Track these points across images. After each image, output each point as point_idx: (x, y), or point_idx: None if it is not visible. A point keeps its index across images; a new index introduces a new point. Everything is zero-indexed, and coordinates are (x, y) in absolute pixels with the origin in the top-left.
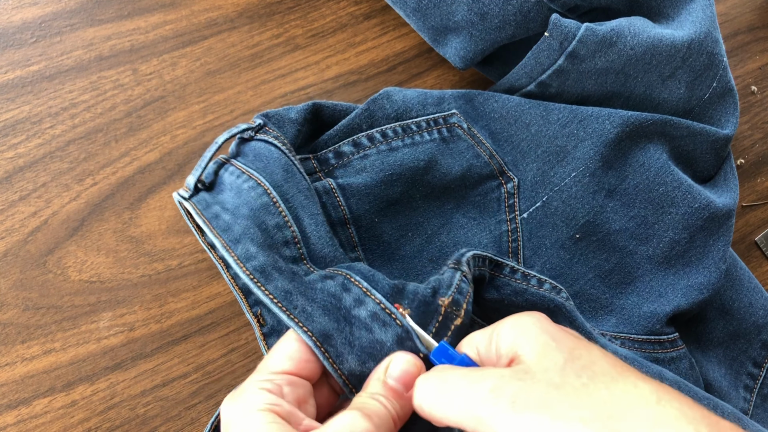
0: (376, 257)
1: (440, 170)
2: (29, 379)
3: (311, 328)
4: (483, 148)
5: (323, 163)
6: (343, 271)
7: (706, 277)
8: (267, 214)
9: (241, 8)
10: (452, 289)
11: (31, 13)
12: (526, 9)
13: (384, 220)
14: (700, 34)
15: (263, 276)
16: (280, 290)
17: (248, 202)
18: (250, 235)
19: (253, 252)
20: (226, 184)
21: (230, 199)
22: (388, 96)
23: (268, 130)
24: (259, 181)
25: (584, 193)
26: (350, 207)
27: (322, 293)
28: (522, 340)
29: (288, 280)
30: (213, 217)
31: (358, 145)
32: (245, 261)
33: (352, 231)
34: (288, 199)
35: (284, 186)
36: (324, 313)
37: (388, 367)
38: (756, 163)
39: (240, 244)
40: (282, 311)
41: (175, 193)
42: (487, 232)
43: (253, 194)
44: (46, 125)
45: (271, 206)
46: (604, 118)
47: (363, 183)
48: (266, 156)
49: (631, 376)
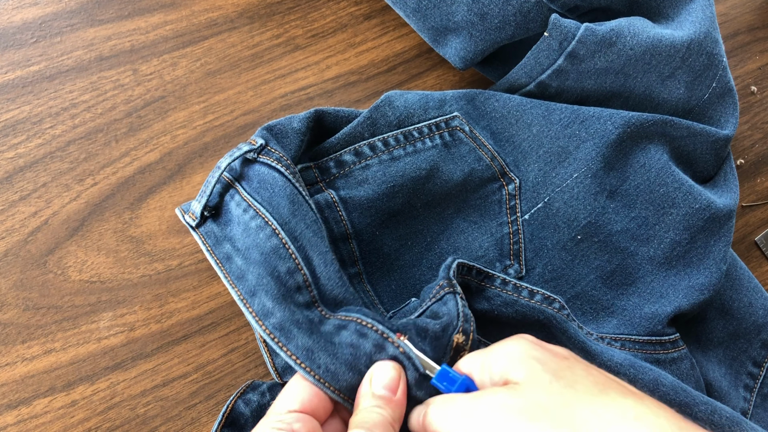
0: (376, 269)
1: (442, 177)
2: (29, 379)
3: (338, 387)
4: (485, 150)
5: (324, 172)
6: (353, 316)
7: (707, 278)
8: (278, 259)
9: (241, 8)
10: (461, 320)
11: (32, 14)
12: (525, 9)
13: (385, 232)
14: (699, 35)
15: (283, 334)
16: (301, 349)
17: (258, 245)
18: (264, 286)
19: (269, 307)
20: (233, 215)
21: (239, 236)
22: (389, 102)
23: (270, 150)
24: (266, 219)
25: (586, 194)
26: (352, 221)
27: (341, 347)
28: (512, 366)
29: (307, 335)
30: (225, 259)
31: (359, 154)
32: (263, 318)
33: (353, 246)
34: (296, 238)
35: (291, 222)
36: (348, 369)
37: (372, 380)
38: (756, 164)
39: (256, 298)
40: (307, 372)
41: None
42: (488, 235)
43: (262, 235)
44: (47, 125)
45: (281, 249)
46: (605, 118)
47: (365, 196)
48: (271, 184)
49: (612, 392)
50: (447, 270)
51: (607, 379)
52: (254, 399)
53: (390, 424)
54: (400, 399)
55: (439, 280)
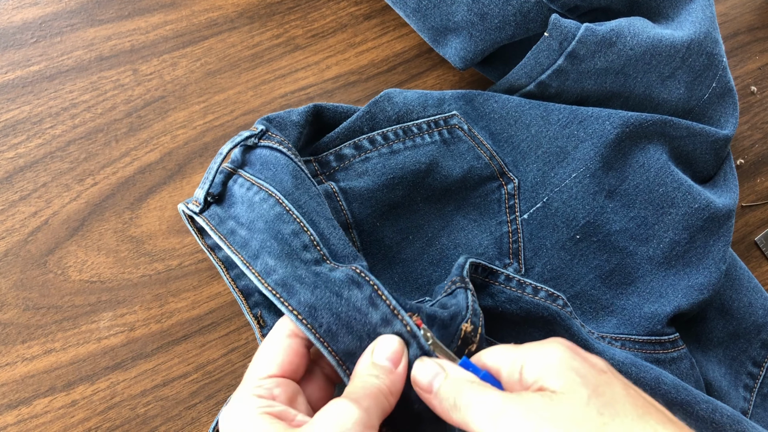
0: (377, 261)
1: (441, 172)
2: (29, 378)
3: (335, 348)
4: (483, 149)
5: (324, 165)
6: (372, 281)
7: (707, 278)
8: (282, 223)
9: (241, 8)
10: (470, 312)
11: (32, 14)
12: (525, 9)
13: (385, 224)
14: (699, 35)
15: (285, 290)
16: (303, 305)
17: (262, 215)
18: (268, 248)
19: (272, 265)
20: (237, 196)
21: (244, 212)
22: (389, 98)
23: (271, 135)
24: (269, 191)
25: (584, 193)
26: (352, 211)
27: (347, 306)
28: (548, 374)
29: (310, 291)
30: (229, 233)
31: (359, 147)
32: (265, 276)
33: (354, 235)
34: (301, 206)
35: (295, 193)
36: (348, 332)
37: (374, 350)
38: (756, 164)
39: (259, 259)
40: (308, 329)
41: (182, 205)
42: (487, 233)
43: (266, 206)
44: (47, 125)
45: (284, 215)
46: (604, 118)
47: (365, 187)
48: (273, 163)
49: (652, 420)
50: (460, 269)
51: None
52: None
53: (386, 395)
54: (400, 372)
55: (452, 276)
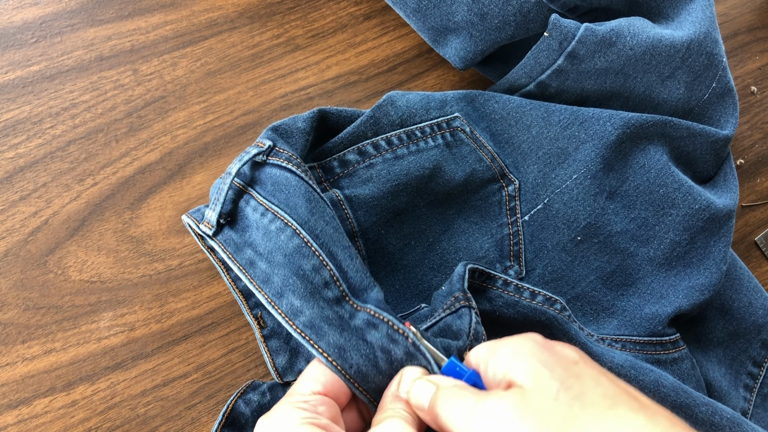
0: (380, 269)
1: (444, 177)
2: (30, 378)
3: (367, 388)
4: (485, 151)
5: (328, 172)
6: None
7: (707, 278)
8: (302, 258)
9: (241, 8)
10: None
11: (32, 14)
12: (525, 9)
13: (389, 231)
14: (699, 35)
15: (314, 332)
16: (333, 347)
17: (281, 247)
18: (291, 286)
19: (298, 306)
20: (251, 221)
21: (260, 241)
22: (392, 102)
23: (279, 151)
24: (286, 221)
25: (585, 195)
26: (358, 219)
27: (372, 348)
28: (516, 368)
29: (338, 332)
30: (248, 265)
31: (363, 153)
32: (293, 317)
33: (360, 244)
34: (318, 236)
35: (311, 221)
36: (377, 372)
37: (400, 382)
38: (756, 164)
39: (284, 299)
40: (339, 371)
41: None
42: (488, 236)
43: (283, 237)
44: (47, 125)
45: (304, 248)
46: (605, 119)
47: (370, 194)
48: (285, 185)
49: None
50: (461, 281)
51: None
52: (255, 399)
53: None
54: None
55: (455, 291)
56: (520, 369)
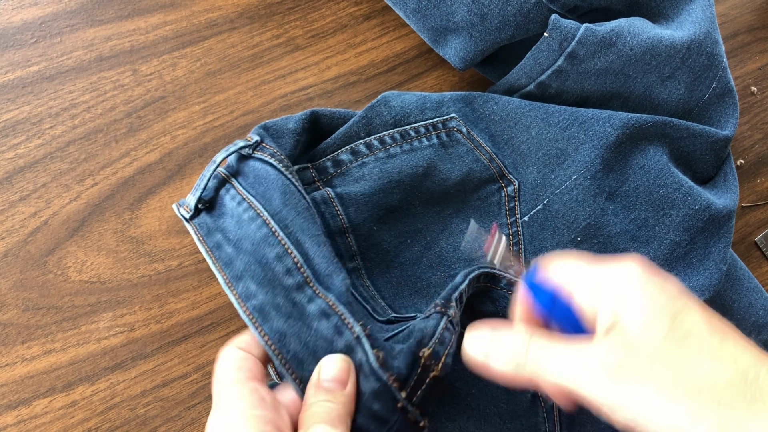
0: (375, 265)
1: (439, 176)
2: (29, 379)
3: (300, 375)
4: (482, 151)
5: (322, 172)
6: (341, 311)
7: (707, 279)
8: (267, 246)
9: (241, 9)
10: (434, 340)
11: (32, 14)
12: (525, 10)
13: (383, 228)
14: (699, 35)
15: (261, 315)
16: (275, 332)
17: (249, 236)
18: (251, 272)
19: (253, 290)
20: (227, 208)
21: (232, 228)
22: (386, 102)
23: (265, 146)
24: (258, 211)
25: (585, 195)
26: (348, 216)
27: (315, 336)
28: (625, 307)
29: (284, 319)
30: (215, 247)
31: (356, 153)
32: (245, 300)
33: (351, 240)
34: (287, 225)
35: (283, 211)
36: (314, 360)
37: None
38: (756, 164)
39: (241, 282)
40: (275, 355)
41: (176, 206)
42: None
43: (253, 226)
44: (47, 126)
45: (270, 237)
46: (604, 120)
47: (361, 191)
48: (264, 178)
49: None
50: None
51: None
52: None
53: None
54: (350, 391)
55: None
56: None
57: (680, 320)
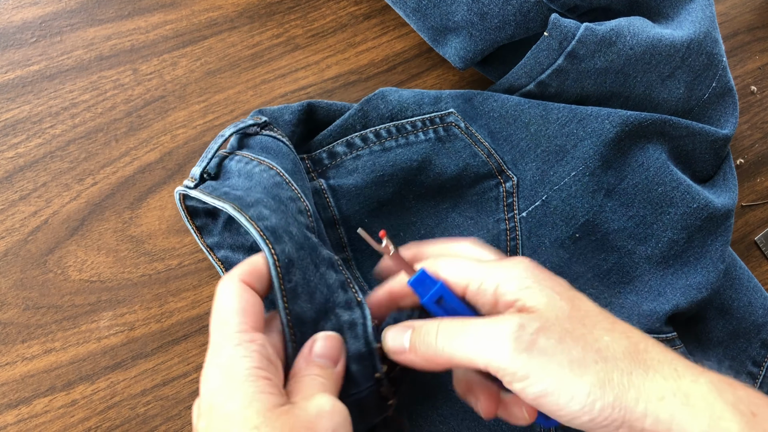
0: (366, 257)
1: (434, 170)
2: (29, 378)
3: (291, 309)
4: (481, 147)
5: (317, 163)
6: (347, 274)
7: (705, 277)
8: (280, 189)
9: (241, 8)
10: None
11: (32, 13)
12: (525, 9)
13: (375, 221)
14: (699, 34)
15: (273, 236)
16: (285, 255)
17: (261, 182)
18: (264, 202)
19: (266, 214)
20: (233, 171)
21: (240, 183)
22: (383, 96)
23: (272, 128)
24: (270, 165)
25: (583, 192)
26: (340, 207)
27: (319, 278)
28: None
29: (296, 248)
30: (223, 195)
31: (351, 145)
32: (258, 220)
33: (341, 231)
34: (299, 187)
35: (295, 175)
36: (309, 300)
37: (312, 346)
38: (755, 163)
39: (253, 208)
40: (277, 278)
41: (178, 188)
42: (485, 231)
43: (266, 176)
44: (47, 125)
45: (284, 184)
46: (603, 117)
47: (353, 184)
48: (275, 149)
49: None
50: None
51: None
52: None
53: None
54: (339, 371)
55: None
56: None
57: (578, 304)
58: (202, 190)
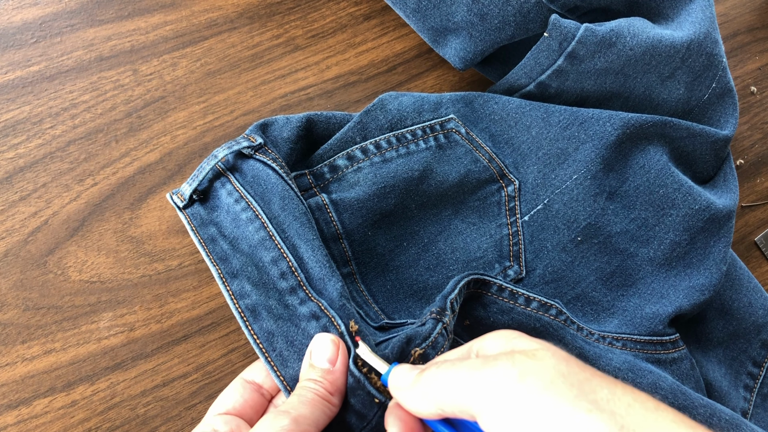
0: (370, 270)
1: (436, 178)
2: (29, 379)
3: (284, 374)
4: (482, 152)
5: (318, 177)
6: (330, 313)
7: (707, 278)
8: (264, 250)
9: (241, 9)
10: (427, 342)
11: (32, 14)
12: (525, 9)
13: (378, 233)
14: (699, 35)
15: (252, 315)
16: (264, 331)
17: (247, 237)
18: (247, 273)
19: (247, 290)
20: (222, 203)
21: (228, 224)
22: (382, 105)
23: (267, 150)
24: (257, 212)
25: (585, 195)
26: (342, 222)
27: (302, 336)
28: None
29: (274, 320)
30: (209, 240)
31: (352, 158)
32: (239, 298)
33: (345, 245)
34: (284, 230)
35: (281, 216)
36: (299, 359)
37: (311, 352)
38: (755, 164)
39: (236, 280)
40: (262, 353)
41: (170, 195)
42: (487, 236)
43: (251, 228)
44: (47, 125)
45: (268, 241)
46: (604, 120)
47: (355, 197)
48: (265, 180)
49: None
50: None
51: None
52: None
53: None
54: (339, 369)
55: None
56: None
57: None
58: (190, 221)
